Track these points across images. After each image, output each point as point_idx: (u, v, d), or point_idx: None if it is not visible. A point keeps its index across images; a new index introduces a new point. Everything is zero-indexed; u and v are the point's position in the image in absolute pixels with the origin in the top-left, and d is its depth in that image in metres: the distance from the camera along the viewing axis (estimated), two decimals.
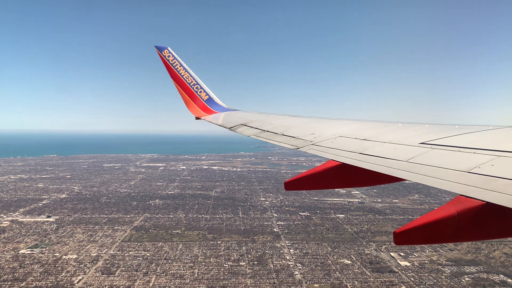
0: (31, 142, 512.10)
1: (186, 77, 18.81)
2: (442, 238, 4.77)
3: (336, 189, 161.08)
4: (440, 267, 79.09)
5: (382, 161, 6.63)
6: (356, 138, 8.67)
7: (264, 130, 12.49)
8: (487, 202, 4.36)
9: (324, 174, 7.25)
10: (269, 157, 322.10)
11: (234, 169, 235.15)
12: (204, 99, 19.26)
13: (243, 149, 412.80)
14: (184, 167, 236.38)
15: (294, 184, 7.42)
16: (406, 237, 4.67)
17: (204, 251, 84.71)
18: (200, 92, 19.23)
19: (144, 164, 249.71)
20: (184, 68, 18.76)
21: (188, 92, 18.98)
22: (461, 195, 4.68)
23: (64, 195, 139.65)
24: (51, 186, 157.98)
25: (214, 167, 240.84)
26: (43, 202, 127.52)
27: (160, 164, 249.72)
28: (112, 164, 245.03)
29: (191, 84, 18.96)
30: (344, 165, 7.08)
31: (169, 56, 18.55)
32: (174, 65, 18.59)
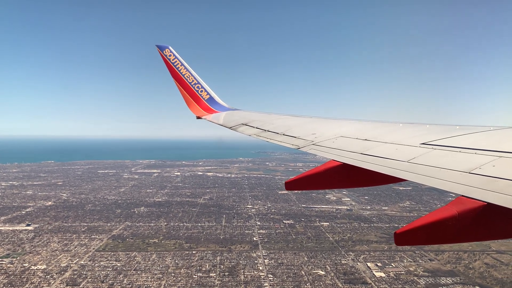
0: (30, 148, 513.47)
1: (187, 76, 18.72)
2: (443, 238, 4.71)
3: (326, 196, 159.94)
4: (416, 278, 77.08)
5: (383, 161, 6.67)
6: (357, 138, 8.70)
7: (265, 130, 12.39)
8: (488, 203, 4.36)
9: (325, 174, 7.24)
10: (267, 163, 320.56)
11: (229, 175, 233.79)
12: (205, 99, 19.15)
13: (243, 154, 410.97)
14: (179, 173, 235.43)
15: (294, 184, 7.37)
16: (407, 238, 4.65)
17: (176, 261, 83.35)
18: (201, 91, 19.12)
19: (139, 171, 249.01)
20: (185, 67, 18.65)
21: (189, 91, 18.90)
22: (462, 195, 4.68)
23: (50, 203, 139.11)
24: (39, 193, 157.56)
25: (208, 173, 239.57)
26: (27, 210, 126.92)
27: (155, 171, 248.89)
28: (107, 171, 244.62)
29: (192, 84, 18.87)
30: (345, 165, 7.10)
31: (170, 55, 18.45)
32: (175, 64, 18.48)
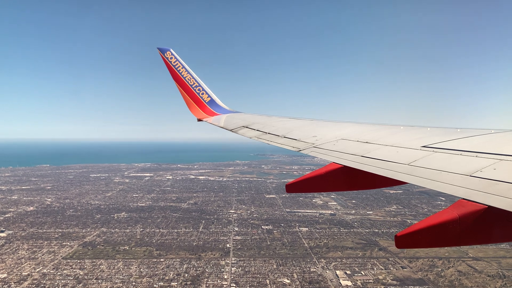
0: (27, 151, 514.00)
1: (188, 79, 18.90)
2: (444, 241, 4.72)
3: (313, 200, 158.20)
4: (383, 287, 75.08)
5: (384, 164, 6.67)
6: (358, 141, 8.71)
7: (266, 132, 12.47)
8: (489, 206, 4.35)
9: (326, 176, 7.26)
10: (263, 166, 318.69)
11: (221, 178, 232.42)
12: (206, 101, 19.36)
13: (241, 157, 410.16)
14: (170, 177, 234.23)
15: (295, 187, 7.43)
16: (408, 241, 4.66)
17: (141, 269, 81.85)
18: (202, 94, 19.33)
19: (131, 174, 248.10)
20: (187, 70, 18.84)
21: (190, 94, 19.09)
22: (463, 198, 4.68)
23: (31, 208, 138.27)
24: (24, 198, 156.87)
25: (200, 177, 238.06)
26: (6, 215, 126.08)
27: (147, 174, 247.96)
28: (99, 174, 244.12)
29: (193, 86, 19.05)
30: (345, 168, 7.13)
31: (171, 58, 18.66)
32: (176, 67, 18.67)
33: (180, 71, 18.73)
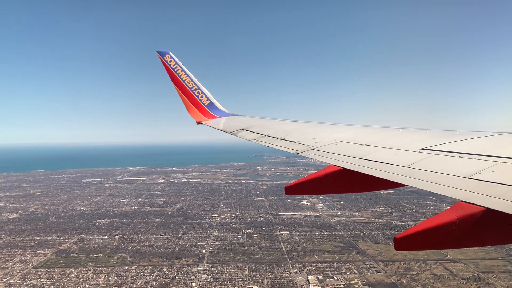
0: (23, 157, 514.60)
1: (187, 82, 18.97)
2: (443, 244, 4.74)
3: (301, 202, 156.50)
4: None
5: (382, 166, 6.66)
6: (356, 143, 8.74)
7: (265, 135, 12.51)
8: (488, 208, 4.37)
9: (325, 179, 7.24)
10: (258, 167, 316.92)
11: (213, 181, 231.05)
12: (205, 104, 19.43)
13: (238, 158, 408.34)
14: (162, 181, 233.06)
15: (294, 189, 7.39)
16: (407, 243, 4.65)
17: (110, 278, 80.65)
18: (201, 97, 19.41)
19: (124, 178, 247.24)
20: (186, 73, 18.92)
21: (189, 97, 19.16)
22: (462, 201, 4.68)
23: (15, 215, 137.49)
24: (10, 205, 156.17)
25: (193, 180, 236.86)
26: None
27: (140, 178, 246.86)
28: (91, 179, 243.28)
29: (192, 89, 19.14)
30: (344, 170, 7.13)
31: (170, 61, 18.72)
32: (175, 70, 18.72)
33: (179, 74, 18.71)
